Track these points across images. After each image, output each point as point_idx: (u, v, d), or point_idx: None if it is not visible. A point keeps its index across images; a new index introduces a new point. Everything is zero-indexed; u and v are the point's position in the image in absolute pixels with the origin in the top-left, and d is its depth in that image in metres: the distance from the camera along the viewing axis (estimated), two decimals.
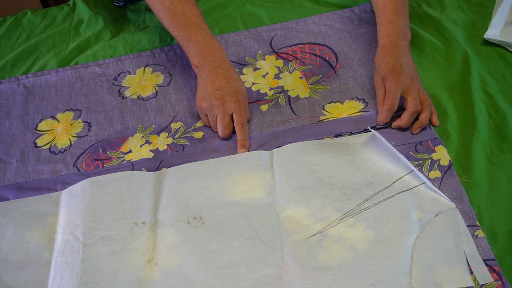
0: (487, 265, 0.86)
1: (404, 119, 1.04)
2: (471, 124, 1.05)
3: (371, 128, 1.05)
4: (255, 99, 1.15)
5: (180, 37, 1.13)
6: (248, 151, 1.06)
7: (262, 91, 1.17)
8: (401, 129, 1.06)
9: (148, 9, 1.40)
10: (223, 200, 0.98)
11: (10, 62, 1.31)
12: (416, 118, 1.05)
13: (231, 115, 1.08)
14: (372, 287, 0.85)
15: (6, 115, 1.20)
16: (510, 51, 1.17)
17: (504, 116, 1.06)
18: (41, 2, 1.74)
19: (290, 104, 1.13)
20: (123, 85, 1.22)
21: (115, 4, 1.43)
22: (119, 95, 1.20)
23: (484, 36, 1.20)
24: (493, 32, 1.20)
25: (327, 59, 1.21)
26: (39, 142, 1.14)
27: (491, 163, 0.99)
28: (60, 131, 1.15)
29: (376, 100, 1.09)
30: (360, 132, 1.06)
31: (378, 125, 1.06)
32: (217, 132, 1.09)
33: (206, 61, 1.11)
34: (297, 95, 1.15)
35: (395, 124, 1.05)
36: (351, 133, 1.06)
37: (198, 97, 1.10)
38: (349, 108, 1.11)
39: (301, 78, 1.18)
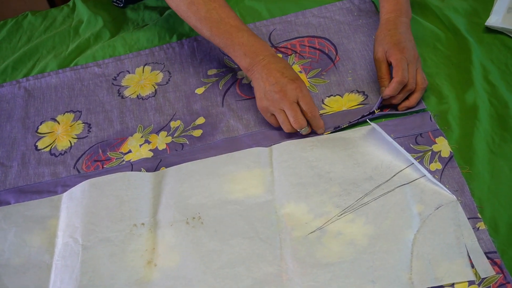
0: (488, 258, 0.84)
1: (391, 87, 1.03)
2: (473, 114, 1.03)
3: (370, 113, 1.04)
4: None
5: (223, 44, 1.08)
6: (287, 139, 1.05)
7: None
8: (401, 122, 1.04)
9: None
10: (222, 199, 0.98)
11: (11, 65, 1.31)
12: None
13: (298, 103, 1.03)
14: (371, 283, 0.84)
15: (7, 118, 1.20)
16: None
17: (506, 105, 1.04)
18: (47, 1, 1.74)
19: None
20: (122, 84, 1.22)
21: (115, 4, 1.42)
22: (119, 95, 1.20)
23: (486, 23, 1.17)
24: (495, 19, 1.17)
25: (327, 52, 1.20)
26: (40, 144, 1.14)
27: (493, 153, 0.97)
28: (61, 133, 1.15)
29: (378, 74, 1.07)
30: (358, 120, 1.05)
31: (383, 97, 1.04)
32: (288, 131, 1.04)
33: (255, 61, 1.06)
34: None
35: (385, 94, 1.04)
36: (350, 122, 1.05)
37: (258, 98, 1.06)
38: (349, 101, 1.10)
39: (300, 72, 1.17)
